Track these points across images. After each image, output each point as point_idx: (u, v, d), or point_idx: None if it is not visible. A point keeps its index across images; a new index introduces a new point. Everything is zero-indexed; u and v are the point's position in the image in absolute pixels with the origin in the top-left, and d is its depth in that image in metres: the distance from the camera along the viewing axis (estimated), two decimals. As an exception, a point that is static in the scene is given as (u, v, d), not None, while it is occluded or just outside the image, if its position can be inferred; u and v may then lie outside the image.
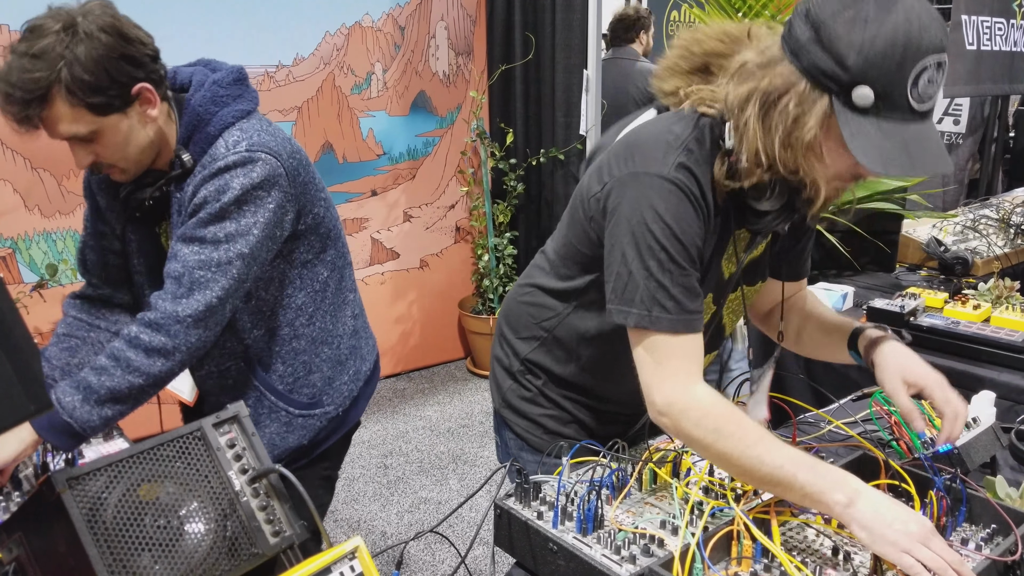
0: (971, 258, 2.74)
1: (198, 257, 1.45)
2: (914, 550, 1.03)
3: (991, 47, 4.07)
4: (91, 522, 0.96)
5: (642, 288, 1.19)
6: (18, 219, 3.07)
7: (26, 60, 1.33)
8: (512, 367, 1.59)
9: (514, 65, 4.37)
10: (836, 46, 1.03)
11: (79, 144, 1.42)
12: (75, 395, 1.39)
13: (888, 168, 1.04)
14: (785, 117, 1.09)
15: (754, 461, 1.12)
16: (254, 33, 3.47)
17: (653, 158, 1.21)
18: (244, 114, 1.54)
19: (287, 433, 1.70)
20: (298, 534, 1.14)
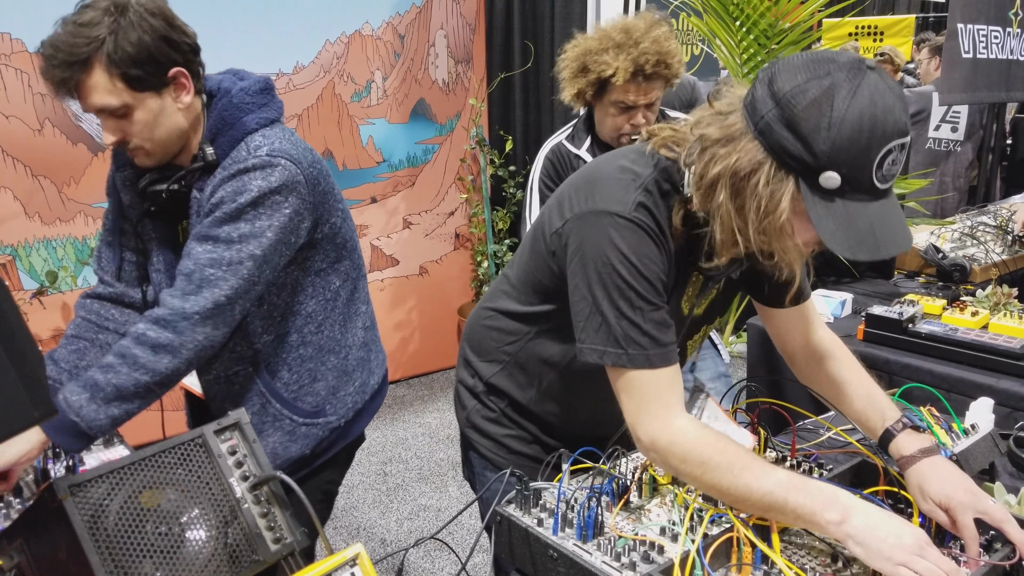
0: (969, 265, 2.74)
1: (210, 255, 1.47)
2: (910, 563, 1.03)
3: (987, 55, 4.09)
4: (93, 529, 0.96)
5: (615, 328, 1.20)
6: (18, 226, 3.07)
7: (74, 27, 1.39)
8: (476, 388, 1.59)
9: (513, 73, 4.38)
10: (802, 129, 1.02)
11: (110, 118, 1.46)
12: (82, 394, 1.38)
13: (856, 253, 1.05)
14: (757, 200, 1.08)
15: (743, 490, 1.12)
16: (255, 41, 3.49)
17: (613, 196, 1.21)
18: (268, 122, 1.56)
19: (290, 442, 1.69)
20: (299, 541, 1.14)
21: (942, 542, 1.21)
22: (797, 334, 1.49)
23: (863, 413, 1.37)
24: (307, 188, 1.54)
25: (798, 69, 1.05)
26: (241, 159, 1.50)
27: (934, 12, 9.82)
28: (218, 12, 3.38)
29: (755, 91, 1.08)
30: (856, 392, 1.40)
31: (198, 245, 1.48)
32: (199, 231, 1.50)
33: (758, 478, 1.12)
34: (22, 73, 2.95)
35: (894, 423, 1.31)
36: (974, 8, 3.98)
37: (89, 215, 3.22)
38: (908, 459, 1.26)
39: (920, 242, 2.97)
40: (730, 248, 1.16)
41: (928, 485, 1.21)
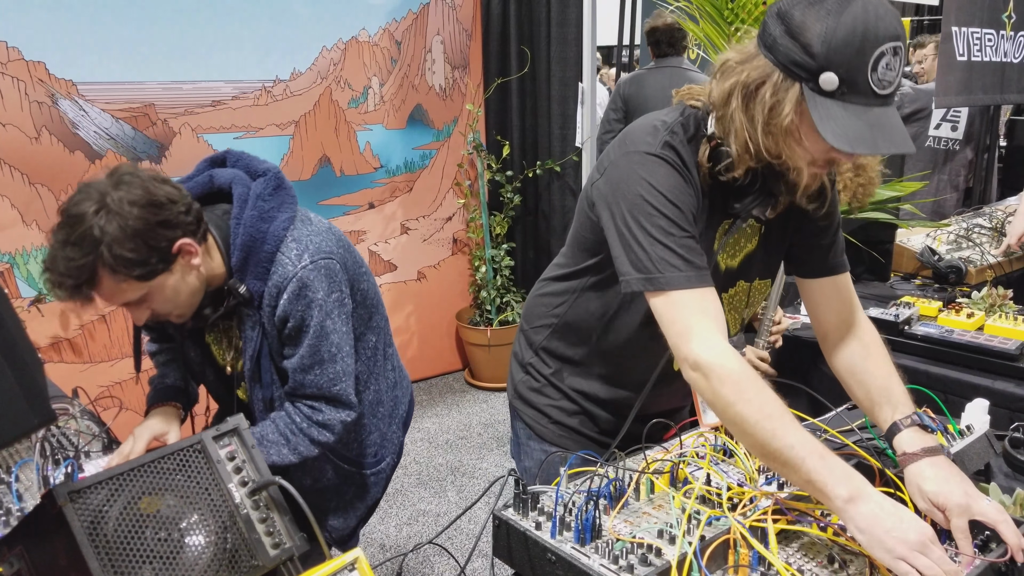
0: (965, 267, 2.75)
1: (328, 376, 1.63)
2: (910, 558, 1.04)
3: (982, 58, 4.10)
4: (92, 535, 0.97)
5: (651, 253, 1.25)
6: (16, 234, 3.08)
7: (68, 249, 1.37)
8: (524, 358, 1.68)
9: (510, 78, 4.40)
10: (803, 37, 1.13)
11: (134, 306, 1.49)
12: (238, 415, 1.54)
13: (854, 147, 1.14)
14: (764, 106, 1.19)
15: (767, 434, 1.13)
16: (252, 48, 3.49)
17: (642, 140, 1.32)
18: (290, 222, 1.60)
19: (365, 493, 1.87)
20: (298, 546, 1.15)
21: (939, 540, 1.21)
22: (831, 311, 1.50)
23: (876, 404, 1.38)
24: (343, 272, 1.65)
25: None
26: (289, 275, 1.55)
27: (928, 15, 9.84)
28: (215, 19, 3.38)
29: (766, 20, 1.21)
30: (874, 381, 1.41)
31: (308, 374, 1.62)
32: (301, 363, 1.61)
33: (785, 428, 1.13)
34: (18, 81, 2.96)
35: (903, 418, 1.32)
36: (968, 11, 4.00)
37: (87, 222, 3.22)
38: (910, 456, 1.27)
39: (916, 244, 2.98)
40: (744, 159, 1.25)
41: (926, 484, 1.22)
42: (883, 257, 2.89)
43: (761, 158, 1.24)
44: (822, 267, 1.50)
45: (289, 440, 1.62)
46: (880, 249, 2.86)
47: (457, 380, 4.63)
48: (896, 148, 1.17)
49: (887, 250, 2.91)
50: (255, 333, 1.60)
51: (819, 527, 1.20)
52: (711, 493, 1.26)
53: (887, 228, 2.88)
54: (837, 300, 1.50)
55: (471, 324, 4.47)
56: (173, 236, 1.44)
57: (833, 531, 1.18)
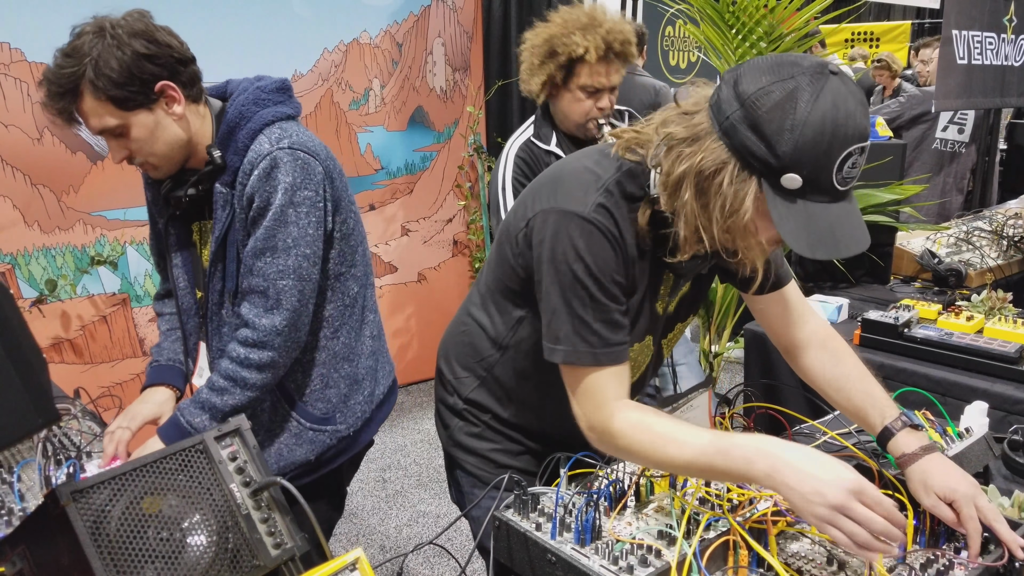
0: (964, 270, 2.76)
1: (276, 267, 1.55)
2: (835, 520, 1.02)
3: (982, 61, 4.11)
4: (95, 535, 0.97)
5: (567, 325, 1.23)
6: (17, 235, 3.08)
7: (60, 58, 1.46)
8: (456, 406, 1.59)
9: (511, 80, 4.40)
10: (766, 131, 1.05)
11: (112, 138, 1.53)
12: (203, 415, 1.56)
13: (815, 252, 1.08)
14: (722, 199, 1.10)
15: (670, 462, 1.18)
16: (253, 50, 3.50)
17: (574, 196, 1.23)
18: (285, 117, 1.61)
19: (295, 446, 1.71)
20: (299, 546, 1.15)
21: (936, 542, 1.22)
22: (786, 323, 1.48)
23: (861, 410, 1.38)
24: (327, 180, 1.60)
25: (763, 71, 1.07)
26: (265, 152, 1.54)
27: (929, 19, 9.85)
28: (217, 21, 3.39)
29: (720, 92, 1.10)
30: (854, 388, 1.39)
31: (258, 260, 1.55)
32: (254, 246, 1.55)
33: (681, 449, 1.15)
34: (21, 82, 2.96)
35: (892, 421, 1.32)
36: (968, 15, 4.01)
37: (88, 223, 3.23)
38: (909, 456, 1.27)
39: (916, 247, 2.99)
40: (693, 245, 1.19)
41: (932, 479, 1.22)
42: (883, 260, 2.90)
43: (714, 248, 1.19)
44: (771, 282, 1.46)
45: (236, 378, 1.56)
46: (880, 252, 2.87)
47: (457, 382, 4.63)
48: (856, 249, 1.10)
49: (887, 253, 2.92)
50: (225, 213, 1.58)
51: (818, 529, 1.20)
52: (710, 495, 1.27)
53: (887, 231, 2.89)
54: (788, 311, 1.48)
55: (471, 326, 4.46)
56: (158, 74, 1.49)
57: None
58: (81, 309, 3.26)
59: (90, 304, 3.28)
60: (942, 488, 1.20)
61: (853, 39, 9.31)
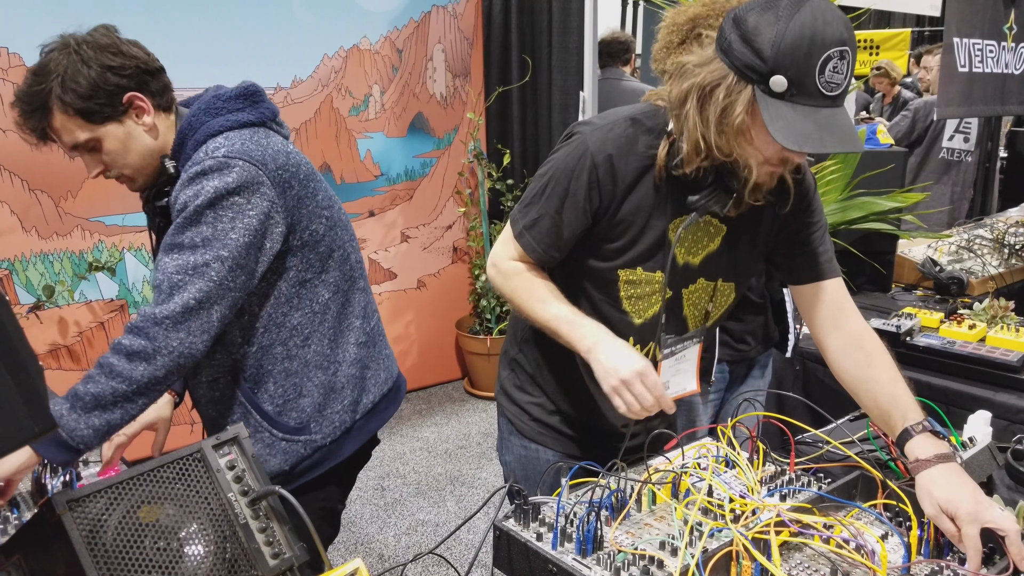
0: (966, 278, 2.75)
1: (176, 263, 1.46)
2: (619, 389, 1.32)
3: (983, 69, 4.12)
4: (91, 544, 0.96)
5: (523, 201, 1.49)
6: (15, 240, 3.07)
7: (29, 76, 1.49)
8: (510, 353, 1.73)
9: (511, 87, 4.40)
10: (755, 42, 1.20)
11: (85, 153, 1.54)
12: (63, 404, 1.39)
13: (801, 145, 1.20)
14: (717, 106, 1.25)
15: (531, 313, 1.47)
16: (253, 56, 3.50)
17: (593, 123, 1.45)
18: (238, 125, 1.56)
19: (268, 455, 1.66)
20: (297, 556, 1.14)
21: (941, 553, 1.21)
22: (826, 317, 1.52)
23: (885, 412, 1.40)
24: (274, 190, 1.51)
25: (756, 2, 1.23)
26: (197, 160, 1.50)
27: (929, 26, 9.87)
28: (217, 27, 3.39)
29: (723, 26, 1.27)
30: (882, 390, 1.42)
31: (165, 255, 1.48)
32: (165, 242, 1.51)
33: (544, 307, 1.44)
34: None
35: (913, 424, 1.33)
36: (969, 23, 4.01)
37: (86, 229, 3.22)
38: (922, 462, 1.27)
39: (917, 255, 2.98)
40: (693, 156, 1.34)
41: (937, 491, 1.22)
42: (884, 268, 2.89)
43: (712, 156, 1.32)
44: (810, 272, 1.53)
45: (103, 364, 1.42)
46: (881, 260, 2.86)
47: (456, 389, 4.62)
48: (843, 147, 1.23)
49: (888, 261, 2.91)
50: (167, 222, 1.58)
51: (822, 539, 1.19)
52: (713, 504, 1.26)
53: (888, 239, 2.88)
54: (830, 306, 1.52)
55: (471, 333, 4.46)
56: (125, 85, 1.50)
57: (836, 543, 1.18)
58: (79, 315, 3.25)
59: (88, 310, 3.27)
60: (945, 503, 1.20)
61: (852, 47, 9.30)
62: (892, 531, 1.26)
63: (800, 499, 1.31)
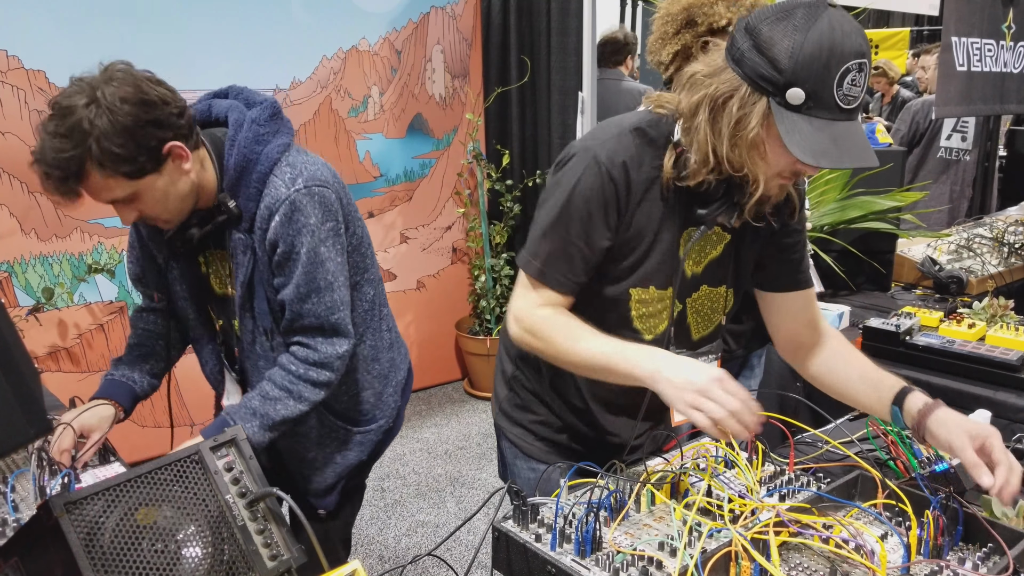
0: (966, 277, 2.75)
1: (324, 306, 1.60)
2: (696, 402, 1.18)
3: (981, 68, 4.12)
4: (88, 547, 0.96)
5: (534, 238, 1.40)
6: (15, 243, 3.07)
7: (57, 140, 1.37)
8: (507, 372, 1.67)
9: (510, 88, 4.40)
10: (770, 52, 1.16)
11: (122, 205, 1.49)
12: (253, 421, 1.59)
13: (819, 160, 1.17)
14: (730, 119, 1.22)
15: (573, 359, 1.35)
16: (252, 57, 3.50)
17: (596, 137, 1.38)
18: (286, 147, 1.61)
19: (347, 451, 1.80)
20: (295, 557, 1.14)
21: (940, 553, 1.20)
22: (800, 324, 1.54)
23: (871, 394, 1.45)
24: (339, 205, 1.62)
25: (768, 12, 1.20)
26: (283, 196, 1.54)
27: (928, 25, 9.87)
28: (216, 29, 3.39)
29: (735, 35, 1.23)
30: (863, 378, 1.47)
31: (305, 303, 1.59)
32: (297, 292, 1.58)
33: (587, 345, 1.33)
34: (18, 90, 2.96)
35: (900, 389, 1.40)
36: (967, 22, 4.01)
37: (86, 231, 3.22)
38: (925, 411, 1.33)
39: (917, 254, 2.98)
40: (701, 169, 1.29)
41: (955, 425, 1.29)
42: (884, 267, 2.89)
43: (722, 170, 1.27)
44: (791, 281, 1.54)
45: (292, 391, 1.60)
46: (881, 259, 2.86)
47: (456, 390, 4.62)
48: (860, 162, 1.20)
49: (887, 260, 2.91)
50: (246, 258, 1.59)
51: (821, 539, 1.19)
52: (712, 505, 1.25)
53: (887, 238, 2.88)
54: (804, 313, 1.54)
55: (470, 334, 4.46)
56: (163, 136, 1.43)
57: (835, 543, 1.17)
58: (78, 317, 3.25)
59: (87, 312, 3.27)
60: (975, 429, 1.26)
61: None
62: (892, 531, 1.26)
63: (799, 499, 1.31)
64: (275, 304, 1.64)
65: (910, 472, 1.49)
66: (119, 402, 1.72)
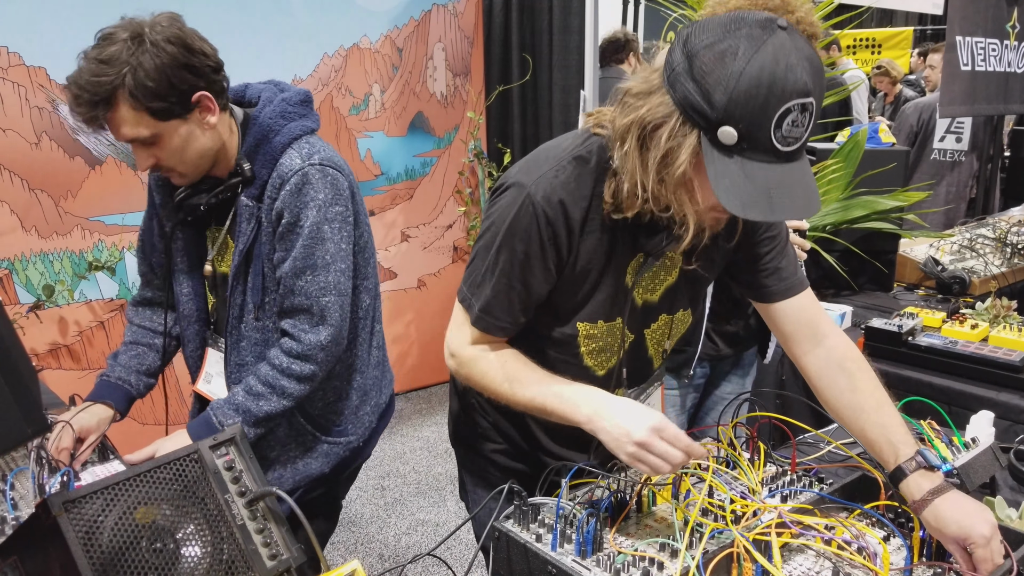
0: (968, 277, 2.74)
1: (317, 285, 1.57)
2: (642, 456, 1.15)
3: (985, 67, 4.11)
4: (87, 546, 0.96)
5: (474, 278, 1.33)
6: (15, 240, 3.07)
7: (95, 65, 1.40)
8: (463, 399, 1.59)
9: (511, 86, 4.40)
10: (705, 82, 1.04)
11: (141, 147, 1.49)
12: (236, 417, 1.57)
13: (747, 211, 1.06)
14: (659, 151, 1.10)
15: (509, 398, 1.30)
16: (253, 55, 3.49)
17: (530, 170, 1.27)
18: (309, 131, 1.62)
19: (311, 459, 1.74)
20: (295, 557, 1.13)
21: (943, 556, 1.20)
22: (799, 338, 1.39)
23: (875, 444, 1.29)
24: (350, 194, 1.61)
25: (712, 26, 1.06)
26: (296, 167, 1.54)
27: (932, 25, 9.86)
28: (216, 27, 3.37)
29: (672, 49, 1.10)
30: (868, 419, 1.30)
31: (299, 279, 1.56)
32: (294, 266, 1.55)
33: (524, 388, 1.28)
34: (19, 87, 2.95)
35: (906, 462, 1.23)
36: (972, 21, 4.00)
37: (87, 229, 3.21)
38: (920, 503, 1.20)
39: (919, 255, 2.97)
40: (633, 200, 1.19)
41: (946, 526, 1.16)
42: (886, 267, 2.88)
43: (647, 205, 1.18)
44: (779, 289, 1.40)
45: (275, 386, 1.58)
46: (883, 259, 2.85)
47: (457, 388, 4.61)
48: (795, 213, 1.07)
49: (890, 260, 2.90)
50: (250, 227, 1.58)
51: (823, 541, 1.18)
52: (714, 505, 1.25)
53: (890, 238, 2.87)
54: (803, 324, 1.39)
55: (472, 332, 4.45)
56: (196, 83, 1.46)
57: (838, 545, 1.17)
58: (79, 315, 3.24)
59: (88, 310, 3.26)
60: (956, 533, 1.15)
61: (855, 45, 9.32)
62: (894, 532, 1.25)
63: (801, 500, 1.30)
64: (270, 281, 1.61)
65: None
66: (114, 405, 1.71)
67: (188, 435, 1.58)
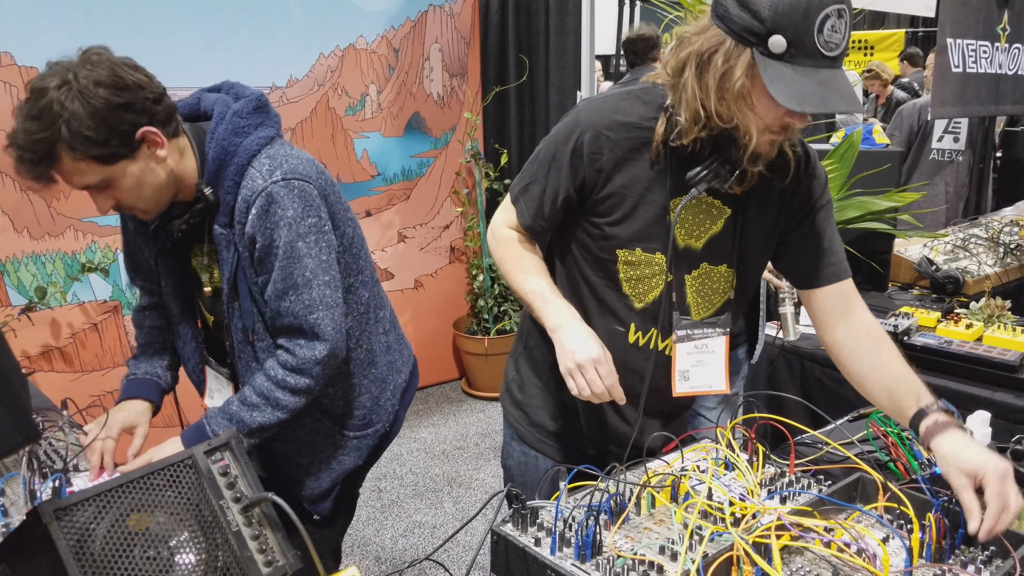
0: (962, 277, 2.75)
1: (301, 304, 1.55)
2: (572, 373, 1.34)
3: (976, 69, 4.12)
4: (79, 554, 0.94)
5: (525, 167, 1.51)
6: (6, 241, 3.04)
7: (29, 122, 1.36)
8: (516, 352, 1.70)
9: (508, 87, 4.39)
10: (752, 5, 1.20)
11: (96, 192, 1.46)
12: (229, 427, 1.56)
13: (803, 105, 1.19)
14: (716, 72, 1.25)
15: (512, 284, 1.50)
16: (249, 55, 3.48)
17: (597, 99, 1.45)
18: (268, 140, 1.57)
19: (343, 456, 1.77)
20: (291, 564, 1.12)
21: (943, 557, 1.19)
22: (835, 317, 1.49)
23: (895, 394, 1.39)
24: (322, 200, 1.58)
25: None
26: (259, 187, 1.50)
27: (923, 27, 9.89)
28: (212, 27, 3.37)
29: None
30: (890, 372, 1.42)
31: (283, 301, 1.55)
32: (276, 289, 1.54)
33: (525, 280, 1.47)
34: (10, 86, 2.93)
35: (928, 404, 1.33)
36: (963, 23, 4.02)
37: (79, 230, 3.19)
38: (937, 428, 1.28)
39: (913, 254, 2.97)
40: (693, 127, 1.32)
41: (963, 453, 1.23)
42: (881, 267, 2.89)
43: (712, 125, 1.30)
44: (824, 274, 1.50)
45: (269, 398, 1.57)
46: (878, 259, 2.86)
47: (454, 389, 4.61)
48: (845, 106, 1.22)
49: (885, 260, 2.91)
50: (230, 254, 1.56)
51: (823, 543, 1.18)
52: (713, 508, 1.24)
53: (884, 238, 2.87)
54: (840, 305, 1.50)
55: (468, 333, 4.44)
56: (137, 121, 1.40)
57: (837, 547, 1.16)
58: (71, 317, 3.22)
59: (81, 312, 3.24)
60: (970, 463, 1.21)
61: (848, 47, 9.32)
62: (894, 534, 1.25)
63: (800, 502, 1.30)
64: (260, 303, 1.61)
65: (911, 474, 1.48)
66: (148, 398, 1.73)
67: (181, 442, 1.57)
